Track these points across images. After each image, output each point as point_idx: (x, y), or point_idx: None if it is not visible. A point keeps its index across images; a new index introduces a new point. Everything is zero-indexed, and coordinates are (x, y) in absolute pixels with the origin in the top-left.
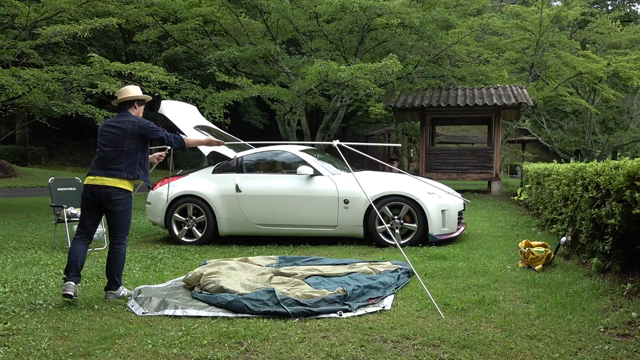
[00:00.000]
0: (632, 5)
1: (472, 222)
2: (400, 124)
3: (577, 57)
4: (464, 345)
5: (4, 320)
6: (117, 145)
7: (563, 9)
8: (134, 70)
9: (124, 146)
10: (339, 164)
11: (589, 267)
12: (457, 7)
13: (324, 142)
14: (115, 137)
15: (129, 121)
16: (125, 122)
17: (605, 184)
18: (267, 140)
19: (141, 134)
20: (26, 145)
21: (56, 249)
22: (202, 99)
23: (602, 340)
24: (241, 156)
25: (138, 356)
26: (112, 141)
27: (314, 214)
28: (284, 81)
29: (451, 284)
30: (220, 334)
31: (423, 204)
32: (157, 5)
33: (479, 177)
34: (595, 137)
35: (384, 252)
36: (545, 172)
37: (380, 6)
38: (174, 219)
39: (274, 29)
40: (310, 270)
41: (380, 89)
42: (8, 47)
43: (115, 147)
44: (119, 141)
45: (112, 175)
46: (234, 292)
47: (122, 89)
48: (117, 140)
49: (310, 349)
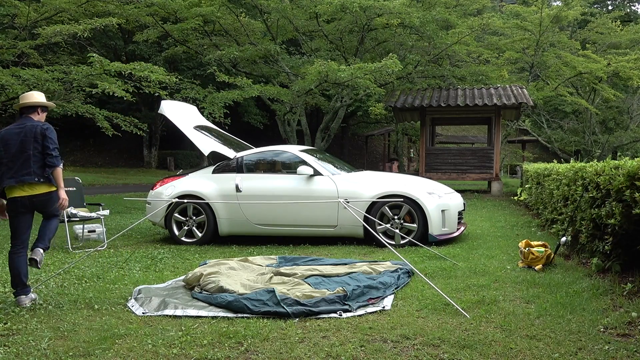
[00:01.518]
0: (632, 5)
1: (472, 222)
2: (400, 124)
3: (577, 57)
4: (464, 345)
5: (4, 320)
6: None
7: (563, 9)
8: (134, 70)
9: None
10: (339, 164)
11: (589, 267)
12: (457, 7)
13: None
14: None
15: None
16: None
17: (605, 184)
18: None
19: None
20: None
21: (56, 249)
22: (202, 99)
23: (602, 340)
24: (241, 156)
25: (138, 356)
26: None
27: (314, 214)
28: (284, 81)
29: (451, 284)
30: (220, 334)
31: (423, 204)
32: (157, 5)
33: (479, 177)
34: (595, 137)
35: (384, 252)
36: (545, 172)
37: (380, 6)
38: (174, 219)
39: (274, 29)
40: (310, 270)
41: (380, 89)
42: (8, 47)
43: None
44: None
45: None
46: (234, 292)
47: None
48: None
49: (310, 349)
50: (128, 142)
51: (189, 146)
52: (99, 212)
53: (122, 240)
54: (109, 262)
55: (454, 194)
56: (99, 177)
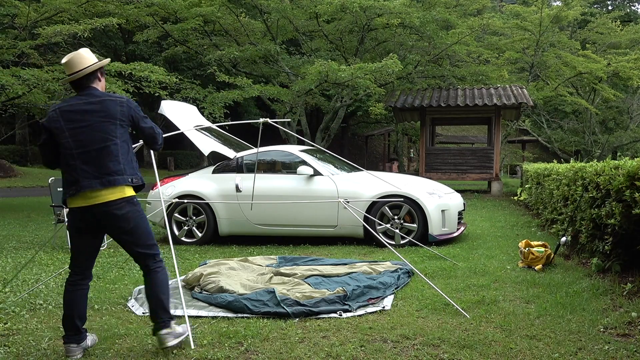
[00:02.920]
0: (632, 5)
1: (472, 222)
2: (400, 124)
3: (577, 57)
4: (464, 345)
5: (4, 320)
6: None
7: (563, 9)
8: (134, 70)
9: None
10: (339, 164)
11: (589, 267)
12: (457, 7)
13: None
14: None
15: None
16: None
17: (605, 184)
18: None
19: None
20: (26, 145)
21: (56, 249)
22: (202, 99)
23: (602, 340)
24: (241, 156)
25: (138, 356)
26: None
27: (314, 214)
28: (284, 81)
29: (451, 284)
30: (220, 334)
31: (423, 204)
32: (157, 5)
33: (479, 177)
34: (595, 137)
35: (384, 252)
36: (545, 172)
37: (380, 6)
38: (174, 219)
39: (274, 29)
40: (310, 270)
41: (380, 89)
42: (8, 47)
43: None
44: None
45: None
46: (234, 292)
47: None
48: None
49: (310, 349)
50: None
51: (189, 146)
52: None
53: None
54: (109, 262)
55: (454, 194)
56: None
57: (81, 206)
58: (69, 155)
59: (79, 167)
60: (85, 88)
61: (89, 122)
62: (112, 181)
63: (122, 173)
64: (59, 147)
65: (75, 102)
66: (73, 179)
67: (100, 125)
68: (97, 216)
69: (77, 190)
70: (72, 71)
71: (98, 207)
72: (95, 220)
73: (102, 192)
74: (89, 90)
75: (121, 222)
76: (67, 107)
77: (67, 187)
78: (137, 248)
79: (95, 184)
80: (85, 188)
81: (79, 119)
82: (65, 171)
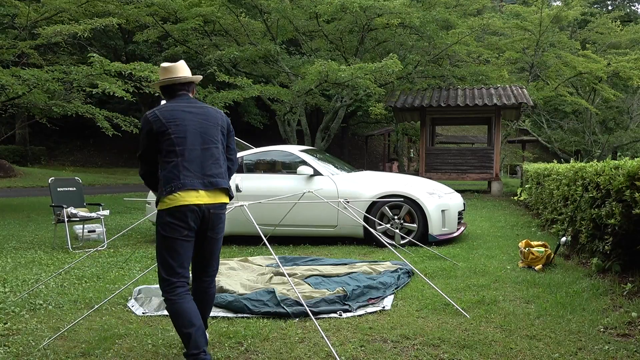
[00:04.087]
0: (632, 5)
1: (472, 222)
2: (400, 124)
3: (577, 57)
4: (464, 345)
5: (4, 320)
6: None
7: (563, 9)
8: (134, 70)
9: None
10: (339, 164)
11: (589, 267)
12: (457, 7)
13: None
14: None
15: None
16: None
17: (605, 184)
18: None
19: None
20: (26, 145)
21: (56, 249)
22: (202, 99)
23: (602, 340)
24: (241, 156)
25: (138, 356)
26: None
27: (314, 214)
28: (284, 81)
29: (451, 284)
30: (220, 334)
31: (423, 204)
32: (157, 5)
33: (479, 177)
34: (595, 137)
35: (384, 252)
36: (545, 172)
37: (380, 6)
38: None
39: (274, 29)
40: (310, 270)
41: (380, 89)
42: (8, 47)
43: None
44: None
45: None
46: (234, 292)
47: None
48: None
49: (310, 349)
50: (128, 142)
51: None
52: (99, 212)
53: (122, 240)
54: (109, 262)
55: (454, 194)
56: (99, 177)
57: (190, 204)
58: (171, 152)
59: (181, 164)
60: (181, 95)
61: (193, 122)
62: (215, 183)
63: (223, 177)
64: (156, 152)
65: (176, 104)
66: (173, 176)
67: (205, 128)
68: (206, 216)
69: (178, 188)
70: (177, 75)
71: (208, 207)
72: (201, 221)
73: (208, 194)
74: (186, 96)
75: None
76: (166, 109)
77: (166, 184)
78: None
79: (197, 184)
80: (188, 187)
81: (181, 118)
82: (164, 169)
